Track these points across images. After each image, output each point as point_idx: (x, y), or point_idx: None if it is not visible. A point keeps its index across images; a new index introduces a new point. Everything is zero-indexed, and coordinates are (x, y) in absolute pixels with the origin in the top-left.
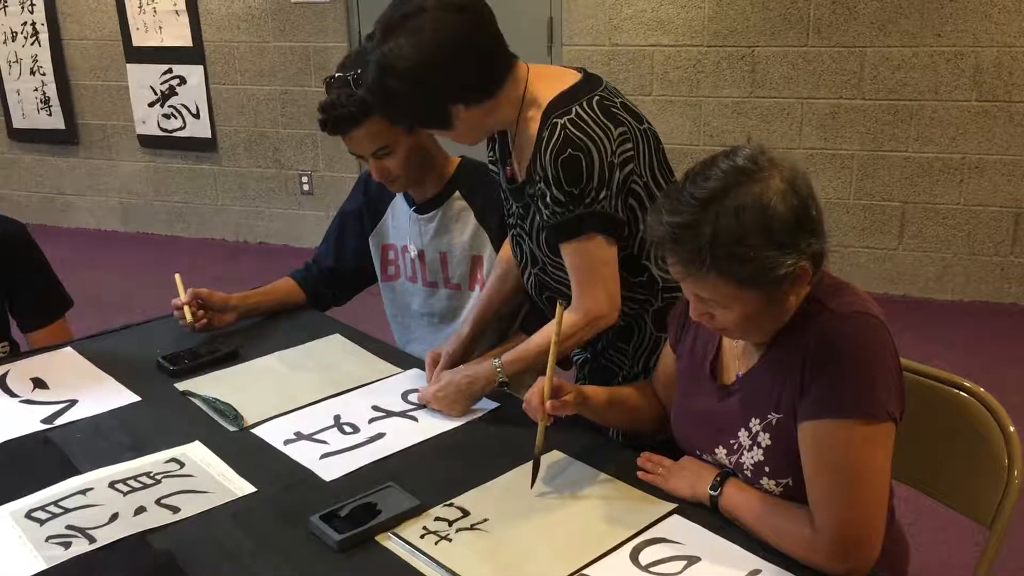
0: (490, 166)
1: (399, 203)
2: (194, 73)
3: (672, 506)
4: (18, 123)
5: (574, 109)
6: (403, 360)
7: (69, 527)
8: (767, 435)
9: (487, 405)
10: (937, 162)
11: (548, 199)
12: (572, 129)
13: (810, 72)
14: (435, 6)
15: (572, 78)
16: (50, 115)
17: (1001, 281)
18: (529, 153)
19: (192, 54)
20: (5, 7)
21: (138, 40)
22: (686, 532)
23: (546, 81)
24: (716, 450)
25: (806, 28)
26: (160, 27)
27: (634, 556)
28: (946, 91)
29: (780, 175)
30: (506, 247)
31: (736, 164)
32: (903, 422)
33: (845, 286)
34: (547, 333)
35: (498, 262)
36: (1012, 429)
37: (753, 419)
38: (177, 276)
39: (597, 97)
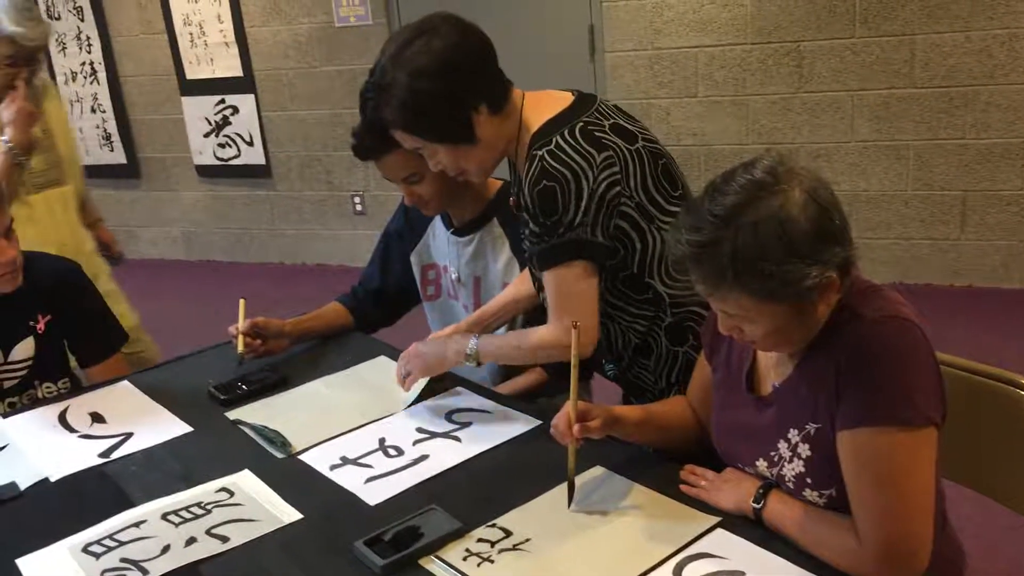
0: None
1: (438, 223)
2: (246, 102)
3: (716, 519)
4: (83, 160)
5: (554, 139)
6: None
7: (124, 560)
8: (806, 446)
9: (531, 422)
10: (997, 148)
11: (527, 230)
12: (550, 160)
13: (859, 64)
14: (437, 21)
15: (562, 103)
16: (112, 150)
17: None
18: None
19: (243, 84)
20: (64, 49)
21: (191, 73)
22: (730, 546)
23: (537, 108)
24: (757, 462)
25: (852, 19)
26: (211, 59)
27: (678, 572)
28: (1002, 74)
29: (800, 186)
30: None
31: (754, 178)
32: (956, 422)
33: (877, 290)
34: (531, 342)
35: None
36: None
37: (792, 430)
38: (241, 301)
39: (581, 124)
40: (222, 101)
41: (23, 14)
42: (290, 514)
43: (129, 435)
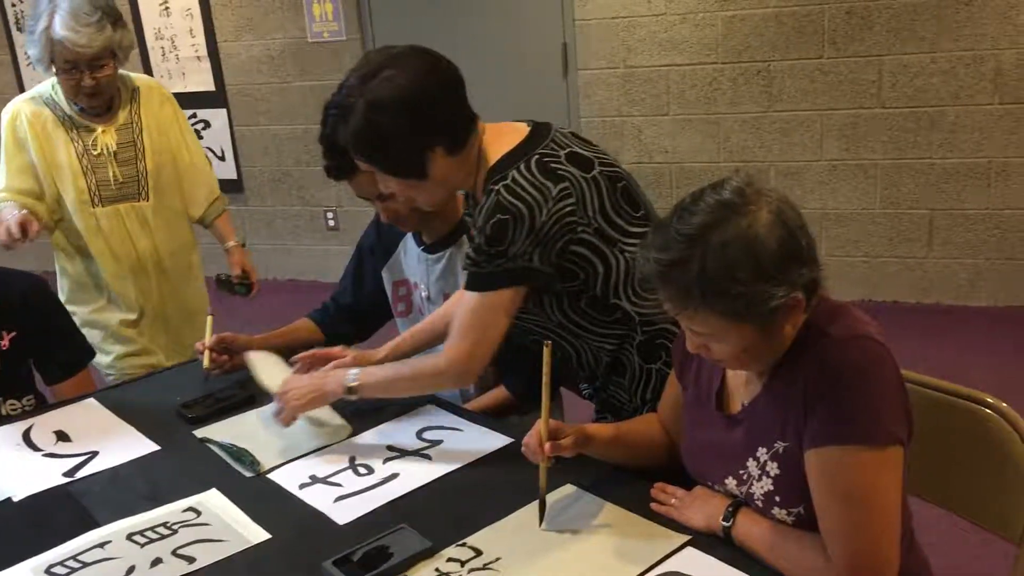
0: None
1: (410, 240)
2: (218, 116)
3: (686, 538)
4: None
5: (511, 174)
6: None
7: None
8: (775, 464)
9: (502, 440)
10: (963, 167)
11: (470, 249)
12: (506, 195)
13: (828, 84)
14: (407, 53)
15: (518, 136)
16: None
17: None
18: None
19: (215, 98)
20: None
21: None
22: (700, 565)
23: (495, 142)
24: (726, 480)
25: (821, 40)
26: (183, 73)
27: None
28: (967, 95)
29: (767, 207)
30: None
31: (722, 198)
32: (925, 439)
33: (843, 309)
34: (412, 364)
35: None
36: None
37: (760, 448)
38: (208, 318)
39: (536, 156)
40: (194, 115)
41: (79, 19)
42: (258, 534)
43: (95, 454)
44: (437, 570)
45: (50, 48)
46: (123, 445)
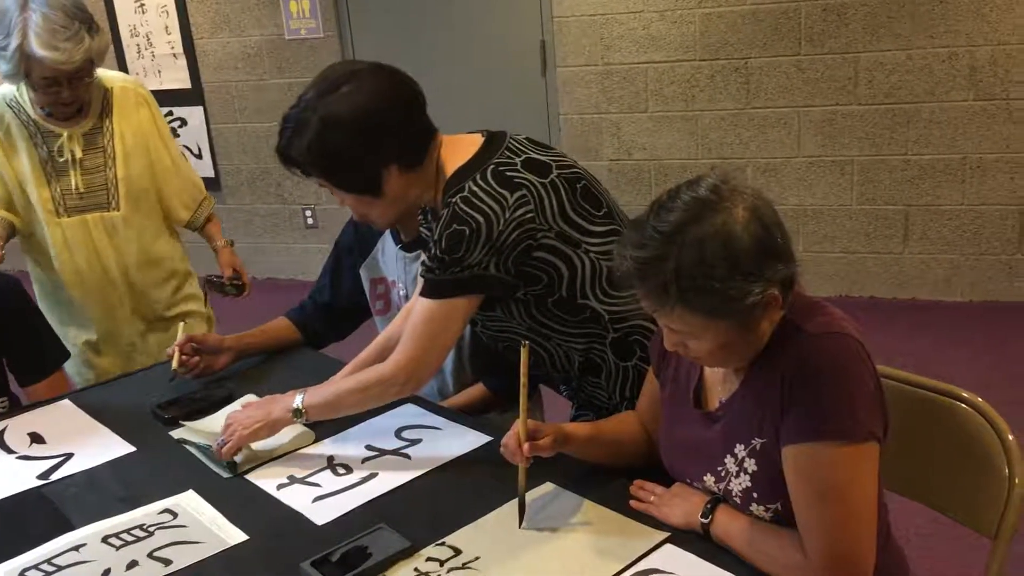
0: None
1: (388, 238)
2: (194, 114)
3: (665, 535)
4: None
5: (467, 186)
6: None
7: None
8: (752, 461)
9: (481, 439)
10: (938, 163)
11: (426, 257)
12: (463, 207)
13: (804, 80)
14: (366, 69)
15: (473, 147)
16: None
17: (1010, 279)
18: None
19: (191, 96)
20: None
21: None
22: (679, 562)
23: (452, 154)
24: (705, 477)
25: (798, 37)
26: (159, 71)
27: None
28: (943, 92)
29: (743, 204)
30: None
31: (698, 195)
32: (901, 435)
33: (819, 305)
34: (356, 376)
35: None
36: (1011, 438)
37: (738, 445)
38: (181, 324)
39: (492, 166)
40: (170, 113)
41: (56, 35)
42: (235, 535)
43: (69, 456)
44: (416, 570)
45: (25, 64)
46: (98, 447)
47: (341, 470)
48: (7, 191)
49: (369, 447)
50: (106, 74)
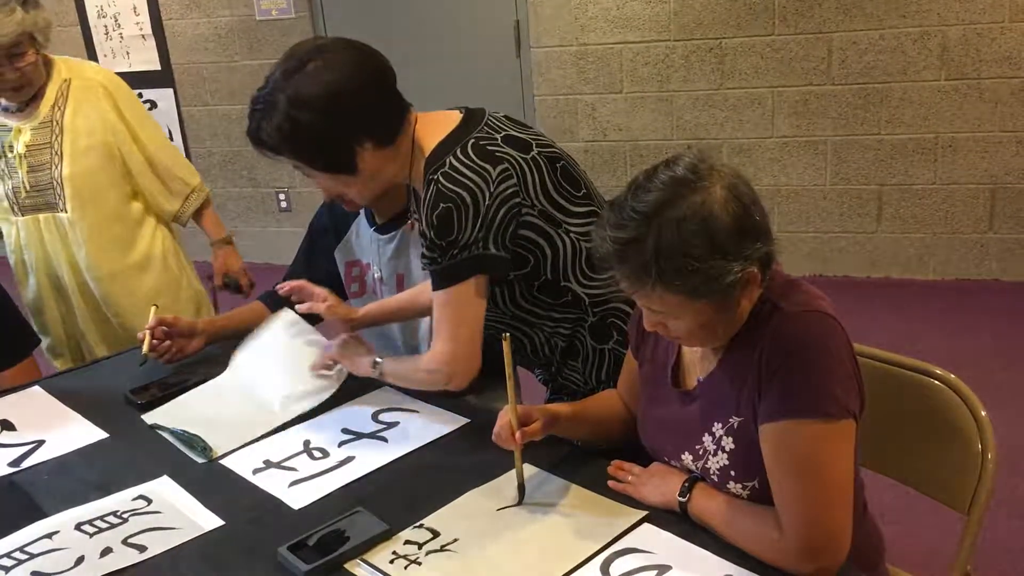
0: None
1: (363, 220)
2: (164, 96)
3: (642, 514)
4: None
5: (447, 160)
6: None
7: (34, 573)
8: (730, 439)
9: (458, 421)
10: (911, 143)
11: (423, 250)
12: (445, 183)
13: (778, 61)
14: (333, 45)
15: (451, 123)
16: None
17: (981, 258)
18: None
19: (161, 77)
20: None
21: (106, 67)
22: (657, 540)
23: (429, 130)
24: (683, 456)
25: (772, 17)
26: (128, 52)
27: (605, 568)
28: (915, 71)
29: (721, 183)
30: None
31: (676, 175)
32: (876, 412)
33: (796, 284)
34: (417, 357)
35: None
36: (984, 414)
37: (716, 424)
38: (153, 308)
39: (472, 140)
40: (140, 95)
41: None
42: (211, 521)
43: (41, 442)
44: (394, 553)
45: None
46: (70, 433)
47: (317, 454)
48: None
49: (345, 430)
50: (70, 63)
